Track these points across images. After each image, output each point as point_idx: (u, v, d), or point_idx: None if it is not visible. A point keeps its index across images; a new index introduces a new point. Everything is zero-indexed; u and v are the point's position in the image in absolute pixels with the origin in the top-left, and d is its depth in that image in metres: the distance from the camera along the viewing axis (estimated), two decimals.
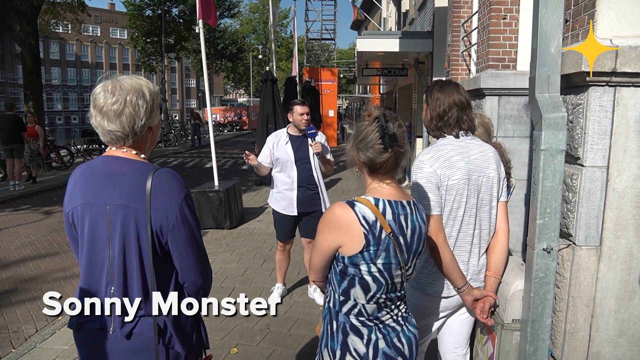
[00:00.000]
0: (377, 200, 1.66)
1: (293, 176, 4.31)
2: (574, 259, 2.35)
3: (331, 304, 1.77)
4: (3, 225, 8.07)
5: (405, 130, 1.76)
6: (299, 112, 4.27)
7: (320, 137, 4.37)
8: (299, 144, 4.33)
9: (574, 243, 2.36)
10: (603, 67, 2.11)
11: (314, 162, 4.34)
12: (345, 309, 1.72)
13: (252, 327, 4.13)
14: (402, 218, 1.67)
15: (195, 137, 23.34)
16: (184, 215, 1.61)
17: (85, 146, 17.17)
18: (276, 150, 4.35)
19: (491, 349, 2.52)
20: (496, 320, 2.46)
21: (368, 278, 1.66)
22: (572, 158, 2.39)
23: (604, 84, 2.18)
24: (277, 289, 4.71)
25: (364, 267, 1.65)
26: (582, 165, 2.30)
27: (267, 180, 11.40)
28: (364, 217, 1.62)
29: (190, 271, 1.65)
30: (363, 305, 1.70)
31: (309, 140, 4.26)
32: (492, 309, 2.36)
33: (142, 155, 1.69)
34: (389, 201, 1.67)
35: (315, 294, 4.64)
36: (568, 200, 2.38)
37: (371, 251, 1.63)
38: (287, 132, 4.40)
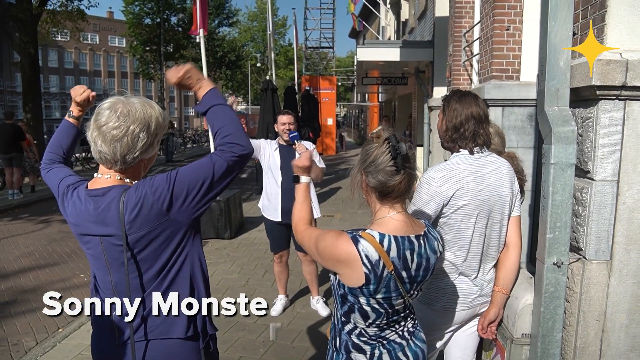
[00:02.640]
0: (382, 237, 1.57)
1: (279, 183, 4.39)
2: (585, 273, 2.33)
3: (335, 321, 1.75)
4: (2, 235, 8.03)
5: (414, 152, 1.72)
6: (281, 122, 4.37)
7: (309, 146, 4.41)
8: (286, 153, 4.39)
9: (584, 257, 2.34)
10: (613, 81, 2.10)
11: None
12: (347, 328, 1.70)
13: (255, 340, 4.10)
14: (407, 253, 1.59)
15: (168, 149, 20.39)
16: (170, 180, 1.51)
17: (84, 155, 17.15)
18: (268, 154, 4.44)
19: None
20: (505, 334, 2.44)
21: (367, 308, 1.61)
22: (581, 172, 2.37)
23: (614, 97, 2.17)
24: (280, 301, 4.71)
25: (362, 300, 1.60)
26: (592, 179, 2.28)
27: None
28: (367, 257, 1.54)
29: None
30: (363, 328, 1.67)
31: (293, 144, 4.31)
32: (499, 324, 2.35)
33: (127, 180, 1.62)
34: (395, 237, 1.58)
35: (318, 305, 4.64)
36: (578, 214, 2.36)
37: (371, 288, 1.57)
38: (278, 142, 4.49)
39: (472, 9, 6.45)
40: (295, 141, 4.25)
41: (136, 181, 1.61)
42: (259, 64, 44.77)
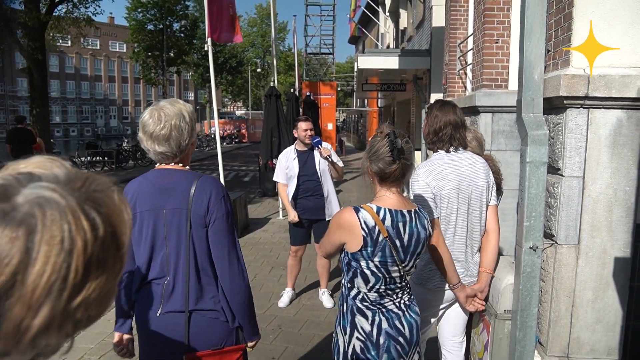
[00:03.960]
0: (379, 208, 1.93)
1: (292, 188, 4.67)
2: (556, 256, 2.69)
3: (343, 289, 2.09)
4: None
5: (412, 145, 2.08)
6: (302, 128, 4.63)
7: (328, 146, 4.74)
8: (306, 158, 4.67)
9: (556, 242, 2.70)
10: (577, 92, 2.48)
11: (321, 173, 4.68)
12: (352, 294, 2.02)
13: (265, 328, 4.40)
14: (400, 224, 1.93)
15: None
16: (221, 212, 1.91)
17: (89, 158, 17.49)
18: (289, 166, 4.71)
19: (486, 337, 2.84)
20: (490, 311, 2.79)
21: (367, 272, 1.94)
22: (553, 169, 2.73)
23: (579, 106, 2.54)
24: (287, 293, 4.97)
25: (363, 263, 1.94)
26: (562, 175, 2.64)
27: (269, 192, 11.72)
28: (365, 222, 1.90)
29: (219, 263, 1.96)
30: (365, 293, 1.99)
31: (316, 148, 4.62)
32: (485, 299, 2.70)
33: (187, 167, 1.99)
34: (390, 210, 1.94)
35: (324, 297, 4.91)
36: (550, 205, 2.73)
37: (369, 251, 1.91)
38: (295, 149, 4.74)
39: (466, 21, 6.81)
40: (319, 145, 4.58)
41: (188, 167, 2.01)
42: (259, 70, 45.20)
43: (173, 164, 1.96)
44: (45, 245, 0.54)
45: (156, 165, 1.99)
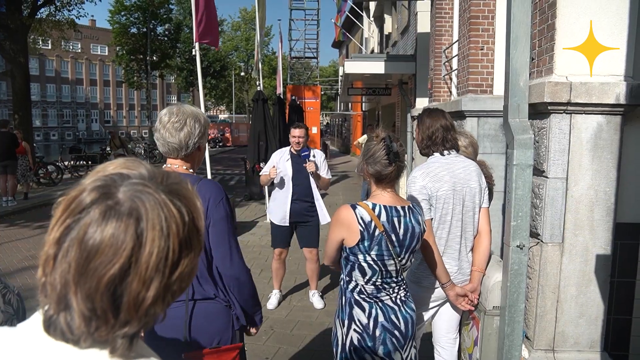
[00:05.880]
0: (374, 205, 2.07)
1: (289, 190, 4.71)
2: (542, 254, 2.82)
3: (342, 283, 2.20)
4: (2, 240, 8.24)
5: (405, 149, 2.20)
6: (292, 135, 4.71)
7: (319, 157, 4.82)
8: (297, 163, 4.74)
9: (542, 241, 2.83)
10: (561, 99, 2.62)
11: (312, 179, 4.77)
12: (350, 287, 2.14)
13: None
14: (395, 219, 2.06)
15: None
16: (220, 215, 1.98)
17: (72, 162, 17.30)
18: (279, 165, 4.75)
19: (476, 332, 2.96)
20: (479, 308, 2.91)
21: (364, 265, 2.06)
22: (538, 171, 2.87)
23: (562, 111, 2.68)
24: (275, 295, 5.05)
25: (360, 257, 2.05)
26: (547, 177, 2.78)
27: (256, 196, 11.76)
28: (361, 218, 2.03)
29: (222, 263, 2.01)
30: (362, 285, 2.10)
31: (305, 161, 4.71)
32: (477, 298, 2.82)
33: (191, 170, 2.08)
34: (385, 206, 2.07)
35: (314, 298, 5.00)
36: (536, 205, 2.86)
37: (365, 245, 2.03)
38: (290, 151, 4.81)
39: (451, 28, 6.98)
40: (307, 160, 4.66)
41: (192, 171, 2.09)
42: (242, 73, 45.10)
43: (179, 160, 2.05)
44: (151, 231, 0.66)
45: (163, 166, 2.08)
